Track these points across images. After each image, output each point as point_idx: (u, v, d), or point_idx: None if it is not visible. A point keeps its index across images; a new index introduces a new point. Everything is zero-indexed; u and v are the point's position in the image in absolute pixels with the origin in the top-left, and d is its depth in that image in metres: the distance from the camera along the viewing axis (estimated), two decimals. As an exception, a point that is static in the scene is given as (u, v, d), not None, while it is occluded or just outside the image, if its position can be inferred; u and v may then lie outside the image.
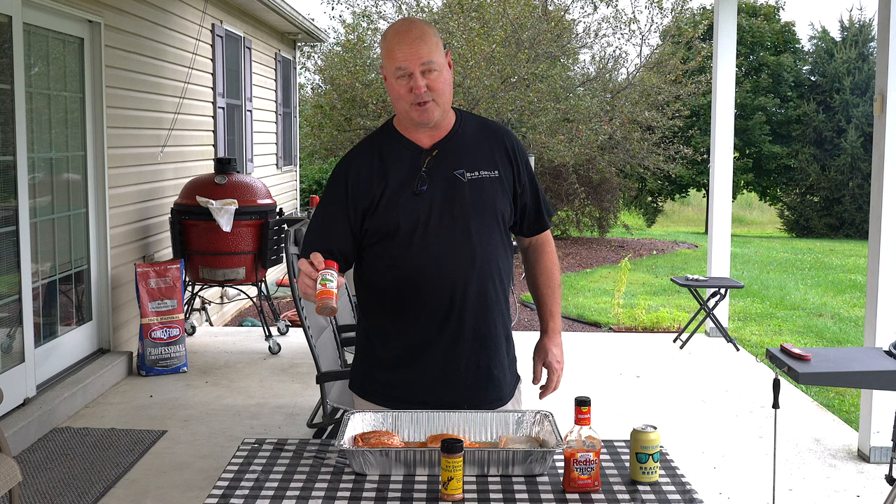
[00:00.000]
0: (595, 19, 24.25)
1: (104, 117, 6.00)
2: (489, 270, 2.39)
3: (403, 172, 2.36)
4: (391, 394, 2.43)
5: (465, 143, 2.42)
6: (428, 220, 2.34)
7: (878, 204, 4.65)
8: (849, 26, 22.99)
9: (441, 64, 2.30)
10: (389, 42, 2.31)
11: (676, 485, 2.06)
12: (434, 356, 2.39)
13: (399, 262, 2.36)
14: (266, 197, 7.06)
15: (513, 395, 2.53)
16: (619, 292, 9.20)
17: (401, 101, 2.32)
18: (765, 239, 20.39)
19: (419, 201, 2.34)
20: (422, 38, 2.28)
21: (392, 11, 16.00)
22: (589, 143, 14.65)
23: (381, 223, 2.35)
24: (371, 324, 2.48)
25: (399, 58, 2.27)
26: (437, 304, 2.36)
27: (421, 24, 2.33)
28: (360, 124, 14.13)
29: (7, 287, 5.00)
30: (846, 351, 4.02)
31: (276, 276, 10.23)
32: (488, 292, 2.40)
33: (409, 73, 2.28)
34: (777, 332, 8.93)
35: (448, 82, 2.34)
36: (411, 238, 2.34)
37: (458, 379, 2.40)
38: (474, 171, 2.38)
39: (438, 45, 2.31)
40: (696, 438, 5.04)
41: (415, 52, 2.27)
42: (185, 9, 7.71)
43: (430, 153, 2.38)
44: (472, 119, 2.48)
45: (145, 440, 4.89)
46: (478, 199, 2.37)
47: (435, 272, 2.34)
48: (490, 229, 2.39)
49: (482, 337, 2.41)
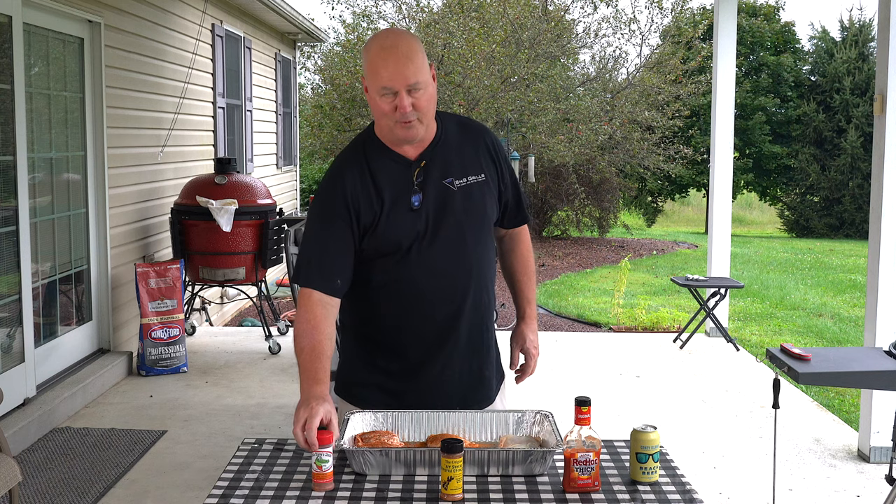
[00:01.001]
0: (595, 19, 24.26)
1: (104, 117, 6.00)
2: (485, 278, 2.40)
3: (396, 187, 2.30)
4: (385, 401, 2.38)
5: (450, 149, 2.37)
6: (425, 235, 2.31)
7: (878, 204, 4.65)
8: (849, 26, 22.98)
9: (426, 81, 2.22)
10: (373, 59, 2.21)
11: (676, 485, 2.06)
12: (433, 369, 2.38)
13: (397, 278, 2.32)
14: (266, 197, 7.06)
15: (499, 392, 2.54)
16: (619, 292, 9.20)
17: (385, 118, 2.25)
18: (765, 239, 20.39)
19: (415, 217, 2.30)
20: (408, 56, 2.19)
21: (392, 11, 16.02)
22: (589, 143, 14.66)
23: (381, 242, 2.29)
24: (364, 333, 2.42)
25: (384, 77, 2.19)
26: (438, 317, 2.35)
27: (407, 41, 2.23)
28: (359, 124, 14.14)
29: (7, 287, 5.00)
30: (846, 351, 4.02)
31: (276, 276, 10.23)
32: (483, 300, 2.40)
33: (395, 92, 2.20)
34: (777, 332, 8.93)
35: (432, 98, 2.26)
36: (409, 255, 2.30)
37: (451, 384, 2.41)
38: (463, 177, 2.35)
39: (424, 61, 2.23)
40: (696, 438, 5.03)
41: (401, 73, 2.18)
42: (185, 9, 7.71)
43: (418, 164, 2.33)
44: (451, 121, 2.43)
45: (145, 440, 4.89)
46: (469, 206, 2.35)
47: (435, 285, 2.33)
48: (483, 235, 2.39)
49: (475, 343, 2.42)
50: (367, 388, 2.43)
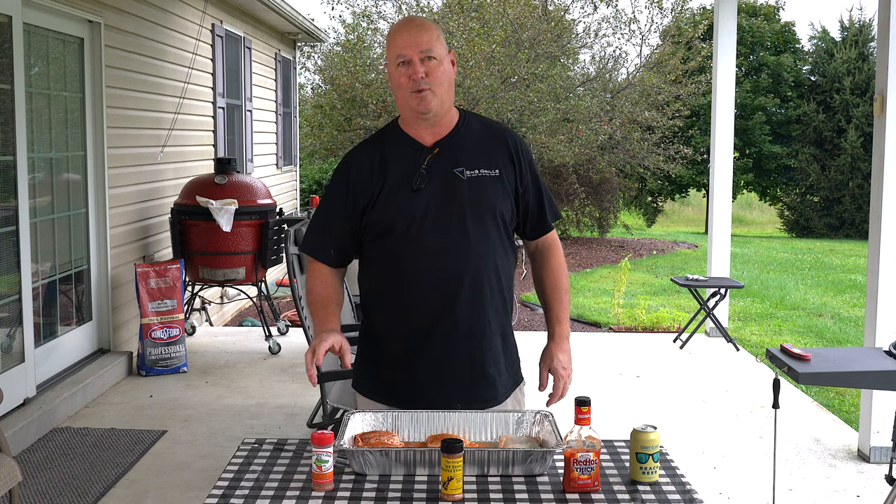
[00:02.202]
0: (595, 19, 24.27)
1: (104, 117, 6.00)
2: (485, 268, 2.39)
3: (403, 169, 2.39)
4: (389, 392, 2.45)
5: (467, 141, 2.44)
6: (424, 217, 2.35)
7: (878, 204, 4.65)
8: (849, 26, 22.98)
9: (441, 55, 2.37)
10: (392, 32, 2.40)
11: (676, 485, 2.06)
12: (429, 354, 2.39)
13: (395, 259, 2.39)
14: (266, 197, 7.06)
15: (509, 396, 2.51)
16: (619, 292, 9.20)
17: (401, 90, 2.37)
18: (765, 239, 20.39)
19: (416, 198, 2.36)
20: (423, 27, 2.37)
21: (392, 11, 16.01)
22: (589, 143, 14.65)
23: (377, 219, 2.38)
24: (371, 321, 2.51)
25: (399, 44, 2.35)
26: (430, 301, 2.37)
27: (424, 19, 2.43)
28: (360, 124, 14.13)
29: (7, 287, 5.00)
30: (846, 351, 4.02)
31: (276, 276, 10.23)
32: (483, 290, 2.40)
33: (409, 60, 2.34)
34: (777, 332, 8.93)
35: (448, 75, 2.39)
36: (407, 234, 2.36)
37: (451, 377, 2.41)
38: (474, 169, 2.40)
39: (440, 38, 2.38)
40: (696, 438, 5.03)
41: (414, 40, 2.34)
42: (185, 9, 7.71)
43: (431, 151, 2.40)
44: (476, 119, 2.51)
45: (145, 440, 4.89)
46: (476, 197, 2.38)
47: (429, 269, 2.36)
48: (487, 227, 2.40)
49: (476, 335, 2.41)
50: (376, 381, 2.48)
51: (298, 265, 4.00)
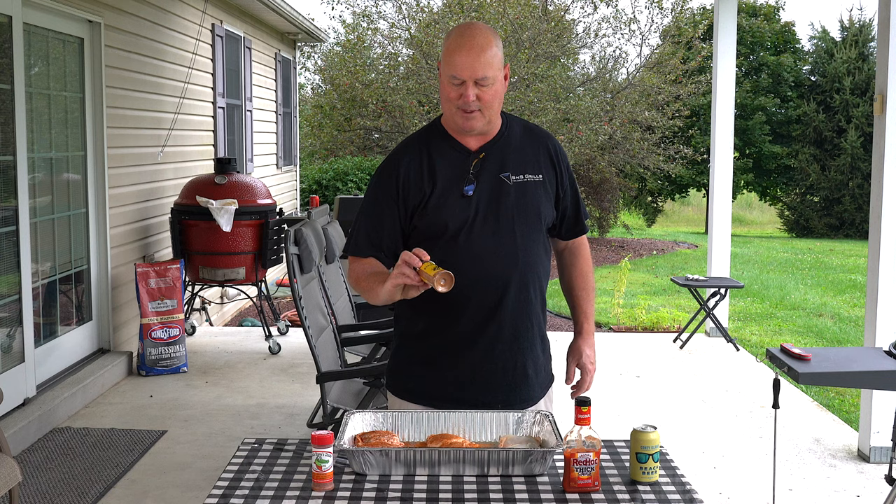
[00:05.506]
0: (595, 19, 24.24)
1: (104, 117, 6.00)
2: (531, 273, 2.42)
3: (451, 173, 2.40)
4: (431, 393, 2.44)
5: (511, 146, 2.45)
6: (474, 222, 2.38)
7: (878, 204, 4.65)
8: (849, 26, 22.98)
9: (495, 77, 2.33)
10: (450, 46, 2.34)
11: (676, 485, 2.06)
12: (474, 356, 2.41)
13: (444, 263, 2.35)
14: (266, 197, 7.06)
15: (544, 395, 2.56)
16: (619, 292, 9.20)
17: (449, 104, 2.37)
18: (765, 239, 20.39)
19: (466, 203, 2.38)
20: (483, 49, 2.30)
21: (392, 11, 16.02)
22: (589, 143, 14.65)
23: (429, 223, 2.38)
24: (412, 322, 2.49)
25: (456, 66, 2.30)
26: (480, 305, 2.39)
27: (485, 34, 2.33)
28: (360, 124, 14.14)
29: (7, 287, 5.00)
30: (846, 351, 4.02)
31: (276, 276, 10.23)
32: (529, 294, 2.43)
33: (462, 82, 2.31)
34: (777, 332, 8.93)
35: (499, 94, 2.37)
36: (457, 239, 2.37)
37: (495, 378, 2.43)
38: (520, 174, 2.42)
39: (497, 57, 2.33)
40: (696, 438, 5.03)
41: (471, 66, 2.29)
42: (185, 9, 7.71)
43: (477, 155, 2.41)
44: (518, 123, 2.52)
45: (145, 440, 4.89)
46: (522, 202, 2.41)
47: (479, 274, 2.37)
48: (533, 232, 2.43)
49: (520, 337, 2.44)
50: (415, 380, 2.48)
51: (298, 265, 4.00)
